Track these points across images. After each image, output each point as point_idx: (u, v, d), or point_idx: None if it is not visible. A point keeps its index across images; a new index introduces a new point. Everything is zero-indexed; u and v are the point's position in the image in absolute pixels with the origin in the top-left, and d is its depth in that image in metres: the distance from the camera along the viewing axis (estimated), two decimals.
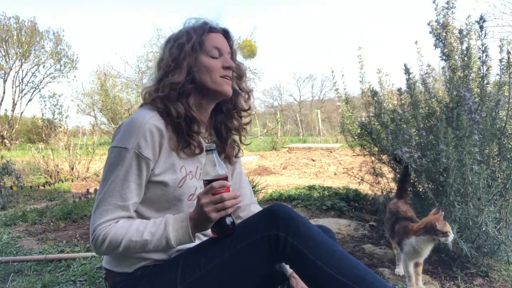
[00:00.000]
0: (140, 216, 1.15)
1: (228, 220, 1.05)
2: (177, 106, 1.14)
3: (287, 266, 1.25)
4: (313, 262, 1.01)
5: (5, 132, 15.51)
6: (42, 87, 19.14)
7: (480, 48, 1.91)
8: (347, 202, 3.39)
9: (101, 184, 1.08)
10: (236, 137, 1.36)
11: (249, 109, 1.33)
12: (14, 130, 16.33)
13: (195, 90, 1.18)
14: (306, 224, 1.06)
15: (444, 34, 2.19)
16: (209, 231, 1.11)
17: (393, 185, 2.67)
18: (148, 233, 1.05)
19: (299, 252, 1.02)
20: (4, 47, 17.55)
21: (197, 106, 1.19)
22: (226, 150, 1.31)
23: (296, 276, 1.21)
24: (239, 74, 1.29)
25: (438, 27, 2.21)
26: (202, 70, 1.17)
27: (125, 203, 1.07)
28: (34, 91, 19.13)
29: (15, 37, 17.47)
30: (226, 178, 1.06)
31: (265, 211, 1.09)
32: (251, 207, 1.41)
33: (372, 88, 2.37)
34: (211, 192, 1.02)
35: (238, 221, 1.22)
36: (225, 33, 1.25)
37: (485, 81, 1.94)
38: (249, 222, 1.11)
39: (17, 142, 15.79)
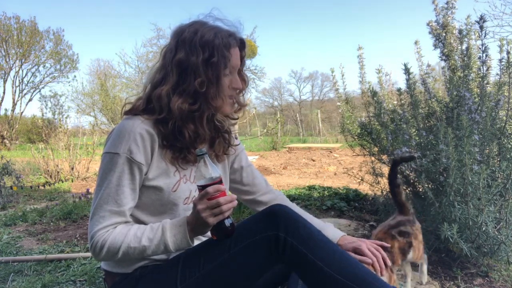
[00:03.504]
0: (136, 220, 1.14)
1: (227, 222, 1.04)
2: (189, 129, 1.12)
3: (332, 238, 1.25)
4: (313, 262, 1.01)
5: (5, 132, 15.53)
6: (42, 87, 19.19)
7: (480, 48, 1.91)
8: (347, 202, 3.39)
9: (96, 190, 1.08)
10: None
11: (236, 118, 1.32)
12: (14, 130, 16.35)
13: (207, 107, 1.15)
14: (306, 225, 1.06)
15: (444, 34, 2.19)
16: (209, 233, 1.11)
17: None
18: (146, 239, 1.05)
19: (298, 252, 1.02)
20: (4, 47, 17.58)
21: (207, 122, 1.17)
22: (214, 146, 1.28)
23: (341, 243, 1.24)
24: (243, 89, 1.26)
25: (438, 27, 2.21)
26: (218, 89, 1.14)
27: (121, 209, 1.06)
28: (34, 91, 19.17)
29: (15, 37, 17.49)
30: (220, 181, 1.04)
31: (265, 212, 1.09)
32: (271, 192, 1.44)
33: (372, 88, 2.36)
34: (207, 197, 1.00)
35: (261, 207, 1.28)
36: (241, 43, 1.20)
37: (485, 81, 1.94)
38: (249, 222, 1.11)
39: (17, 142, 15.81)
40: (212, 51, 1.10)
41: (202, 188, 1.02)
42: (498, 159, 1.98)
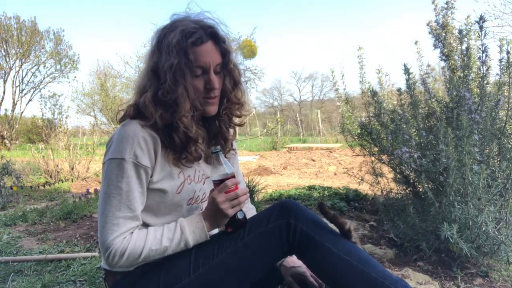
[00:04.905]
0: None
1: (240, 215, 1.12)
2: (178, 133, 1.10)
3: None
4: (321, 243, 1.07)
5: (5, 132, 15.51)
6: (43, 87, 19.16)
7: (479, 48, 1.91)
8: (347, 202, 3.39)
9: (103, 197, 1.06)
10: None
11: (241, 118, 1.28)
12: (14, 130, 16.33)
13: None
14: (314, 214, 1.14)
15: (444, 34, 2.19)
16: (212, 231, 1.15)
17: (393, 185, 2.67)
18: (166, 239, 1.07)
19: (308, 236, 1.08)
20: (4, 47, 17.56)
21: (192, 124, 1.14)
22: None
23: (285, 264, 1.25)
24: (232, 85, 1.19)
25: (438, 27, 2.21)
26: (190, 92, 1.10)
27: (134, 214, 1.07)
28: (34, 91, 19.15)
29: (15, 37, 17.48)
30: (233, 176, 1.11)
31: (277, 204, 1.15)
32: (246, 205, 1.44)
33: (372, 88, 2.36)
34: (225, 190, 1.07)
35: None
36: (214, 38, 1.13)
37: (485, 81, 1.94)
38: (261, 214, 1.16)
39: (17, 142, 15.79)
40: (171, 54, 1.07)
41: (219, 182, 1.09)
42: (498, 159, 1.98)
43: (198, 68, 1.10)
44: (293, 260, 1.26)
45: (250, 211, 1.42)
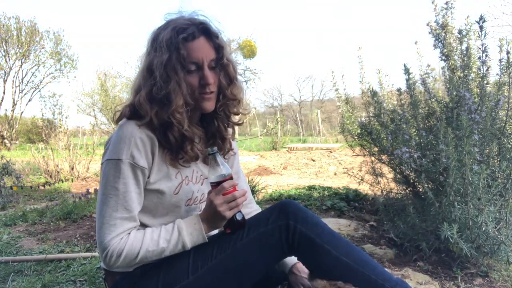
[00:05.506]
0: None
1: (239, 216, 1.11)
2: (173, 131, 1.10)
3: (287, 262, 1.26)
4: (321, 245, 1.07)
5: (5, 132, 15.50)
6: (42, 87, 19.11)
7: (479, 48, 1.91)
8: (347, 202, 3.39)
9: (101, 198, 1.07)
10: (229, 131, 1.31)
11: (240, 117, 1.27)
12: (14, 130, 16.32)
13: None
14: (314, 215, 1.13)
15: (443, 34, 2.19)
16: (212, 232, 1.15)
17: (393, 185, 2.67)
18: (164, 241, 1.07)
19: (308, 238, 1.07)
20: (4, 47, 17.53)
21: (188, 121, 1.13)
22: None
23: (296, 272, 1.24)
24: (227, 81, 1.18)
25: (437, 27, 2.21)
26: (182, 88, 1.09)
27: (131, 214, 1.07)
28: (34, 91, 19.10)
29: (15, 37, 17.45)
30: (231, 178, 1.10)
31: (276, 205, 1.14)
32: (250, 205, 1.42)
33: (372, 88, 2.37)
34: (222, 192, 1.06)
35: None
36: (206, 33, 1.12)
37: (485, 81, 1.94)
38: (261, 215, 1.16)
39: (17, 142, 15.78)
40: (163, 50, 1.07)
41: (216, 184, 1.08)
42: (498, 159, 1.98)
43: (191, 64, 1.10)
44: (304, 270, 1.23)
45: (254, 212, 1.40)
